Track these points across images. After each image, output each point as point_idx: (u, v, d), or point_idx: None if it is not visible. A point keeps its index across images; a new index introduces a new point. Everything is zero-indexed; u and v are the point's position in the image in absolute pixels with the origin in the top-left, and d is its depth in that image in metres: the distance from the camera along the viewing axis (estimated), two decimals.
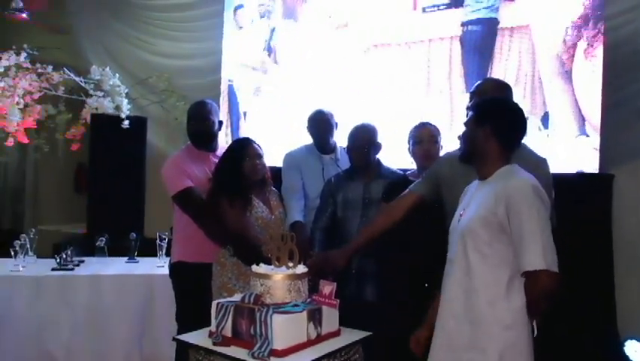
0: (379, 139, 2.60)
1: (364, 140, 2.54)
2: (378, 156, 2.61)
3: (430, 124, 2.53)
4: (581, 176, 3.20)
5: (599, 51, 3.17)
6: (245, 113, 4.59)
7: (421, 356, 1.80)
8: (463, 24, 3.59)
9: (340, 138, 2.86)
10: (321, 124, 2.82)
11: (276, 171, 2.78)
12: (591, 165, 3.19)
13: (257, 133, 4.34)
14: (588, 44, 3.20)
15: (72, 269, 3.15)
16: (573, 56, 3.25)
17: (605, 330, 3.25)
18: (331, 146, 2.85)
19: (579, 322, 3.06)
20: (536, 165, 1.93)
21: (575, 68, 3.25)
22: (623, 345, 3.24)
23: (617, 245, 3.31)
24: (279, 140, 3.85)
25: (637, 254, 3.31)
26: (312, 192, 2.74)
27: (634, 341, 3.23)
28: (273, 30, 4.47)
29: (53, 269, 3.12)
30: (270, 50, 4.46)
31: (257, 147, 2.49)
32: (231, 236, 2.36)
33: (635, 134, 3.29)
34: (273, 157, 2.89)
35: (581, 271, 2.96)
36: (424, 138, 2.46)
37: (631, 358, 3.21)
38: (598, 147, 3.15)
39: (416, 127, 2.52)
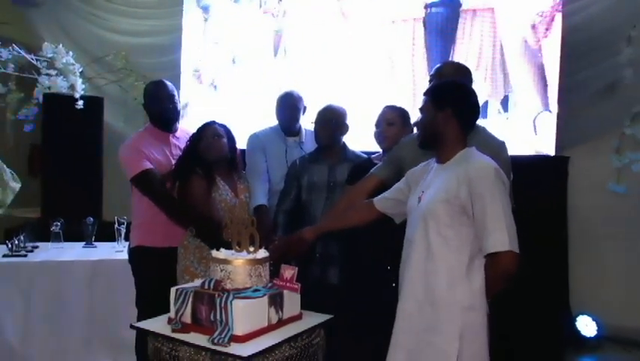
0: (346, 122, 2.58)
1: (331, 119, 2.53)
2: (343, 140, 2.60)
3: (391, 107, 2.50)
4: (537, 157, 3.28)
5: (556, 32, 3.23)
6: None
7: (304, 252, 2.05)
8: (427, 6, 3.59)
9: (306, 122, 2.83)
10: (288, 105, 2.78)
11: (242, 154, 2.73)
12: (548, 147, 3.27)
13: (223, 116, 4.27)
14: (546, 29, 3.26)
15: (25, 255, 3.03)
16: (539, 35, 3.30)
17: (558, 306, 3.38)
18: (296, 128, 2.82)
19: (534, 298, 3.17)
20: (496, 148, 1.95)
21: (542, 44, 3.31)
22: (575, 320, 3.40)
23: (571, 224, 3.44)
24: (243, 123, 3.77)
25: (590, 233, 3.44)
26: (274, 174, 2.71)
27: (585, 316, 3.38)
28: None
29: (5, 256, 2.99)
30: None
31: (217, 127, 2.44)
32: (194, 216, 2.32)
33: (590, 118, 3.40)
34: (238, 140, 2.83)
35: (537, 249, 3.05)
36: (380, 121, 2.46)
37: (582, 332, 3.37)
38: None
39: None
